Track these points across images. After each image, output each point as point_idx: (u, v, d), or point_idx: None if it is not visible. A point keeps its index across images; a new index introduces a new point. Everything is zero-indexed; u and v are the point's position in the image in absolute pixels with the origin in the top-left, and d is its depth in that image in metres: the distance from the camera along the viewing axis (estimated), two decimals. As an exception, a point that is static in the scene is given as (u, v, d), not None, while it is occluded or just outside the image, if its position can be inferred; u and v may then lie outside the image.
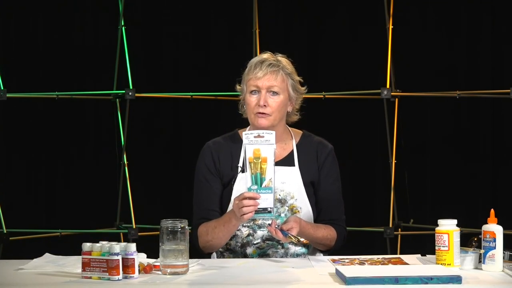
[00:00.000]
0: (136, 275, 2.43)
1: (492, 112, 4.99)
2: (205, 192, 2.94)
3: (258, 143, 2.58)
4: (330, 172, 2.98)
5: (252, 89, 2.89)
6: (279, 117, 2.91)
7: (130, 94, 4.85)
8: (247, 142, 2.57)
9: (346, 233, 2.99)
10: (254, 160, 2.56)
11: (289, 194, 2.90)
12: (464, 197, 4.97)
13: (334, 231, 2.93)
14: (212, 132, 3.13)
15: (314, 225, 2.89)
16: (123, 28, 4.91)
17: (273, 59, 2.91)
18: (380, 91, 4.81)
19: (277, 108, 2.88)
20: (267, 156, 2.57)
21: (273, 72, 2.87)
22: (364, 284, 2.30)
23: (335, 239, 2.93)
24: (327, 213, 2.96)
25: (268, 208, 2.58)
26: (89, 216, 5.05)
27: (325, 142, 3.03)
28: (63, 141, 5.07)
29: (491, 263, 2.50)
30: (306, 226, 2.82)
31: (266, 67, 2.87)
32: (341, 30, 5.08)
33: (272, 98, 2.88)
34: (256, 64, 2.90)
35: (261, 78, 2.87)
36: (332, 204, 2.97)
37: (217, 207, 2.91)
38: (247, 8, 4.94)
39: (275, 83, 2.87)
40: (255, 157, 2.57)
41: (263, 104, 2.86)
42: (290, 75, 2.91)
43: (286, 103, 2.92)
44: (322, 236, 2.88)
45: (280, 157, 2.96)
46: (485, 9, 4.97)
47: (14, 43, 5.02)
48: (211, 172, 2.94)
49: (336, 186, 3.00)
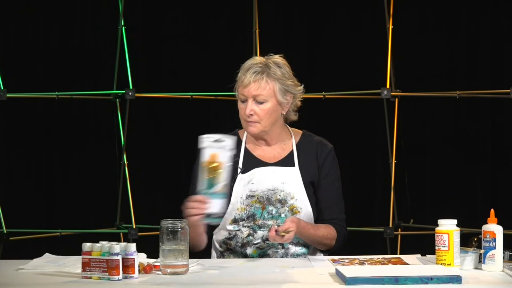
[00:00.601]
0: (136, 275, 2.43)
1: (492, 112, 4.99)
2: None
3: (215, 147, 2.59)
4: (330, 172, 2.98)
5: (240, 97, 2.89)
6: (270, 123, 2.89)
7: (130, 94, 4.85)
8: (205, 146, 2.58)
9: (347, 233, 2.99)
10: (209, 165, 2.57)
11: (289, 194, 2.90)
12: (464, 197, 4.97)
13: (334, 230, 2.92)
14: (212, 132, 3.12)
15: (314, 225, 2.89)
16: (123, 28, 4.91)
17: (260, 65, 2.85)
18: (380, 91, 4.81)
19: (265, 116, 2.86)
20: (223, 161, 2.59)
21: (256, 80, 2.83)
22: (364, 284, 2.30)
23: (335, 238, 2.92)
24: (327, 212, 2.96)
25: (216, 214, 2.61)
26: (89, 216, 5.06)
27: (325, 141, 3.03)
28: (63, 141, 5.08)
29: (491, 263, 2.50)
30: (306, 226, 2.82)
31: (251, 75, 2.83)
32: (341, 30, 5.08)
33: (258, 107, 2.86)
34: (243, 71, 2.87)
35: (246, 87, 2.85)
36: (332, 203, 2.97)
37: None
38: (247, 8, 4.94)
39: (260, 92, 2.84)
40: (211, 162, 2.58)
41: (249, 114, 2.85)
42: (280, 80, 2.86)
43: (275, 109, 2.88)
44: (323, 235, 2.88)
45: (280, 157, 2.96)
46: (485, 9, 4.96)
47: (14, 43, 5.02)
48: None
49: (336, 186, 3.00)
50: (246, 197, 2.89)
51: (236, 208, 2.90)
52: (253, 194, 2.89)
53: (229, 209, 2.89)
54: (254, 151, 2.97)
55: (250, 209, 2.89)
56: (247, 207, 2.89)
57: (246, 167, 2.93)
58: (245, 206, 2.89)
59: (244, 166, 2.93)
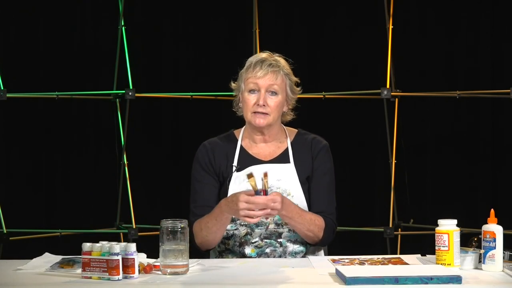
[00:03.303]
0: (136, 275, 2.43)
1: (492, 112, 4.99)
2: (199, 190, 2.95)
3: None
4: (322, 165, 2.97)
5: (251, 87, 2.89)
6: (277, 116, 2.93)
7: (130, 94, 4.85)
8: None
9: (336, 228, 2.95)
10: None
11: (285, 191, 2.90)
12: (464, 197, 4.97)
13: (322, 220, 2.88)
14: (212, 132, 3.13)
15: (301, 208, 2.86)
16: (123, 28, 4.91)
17: (272, 59, 2.92)
18: (380, 91, 4.81)
19: (276, 108, 2.90)
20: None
21: (273, 72, 2.88)
22: (364, 284, 2.30)
23: (323, 228, 2.88)
24: (316, 204, 2.93)
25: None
26: (89, 216, 5.06)
27: (320, 138, 3.03)
28: (63, 141, 5.08)
29: (491, 263, 2.50)
30: (291, 204, 2.79)
31: (267, 67, 2.88)
32: (341, 30, 5.09)
33: (271, 98, 2.89)
34: (257, 63, 2.90)
35: (261, 78, 2.88)
36: (321, 196, 2.94)
37: (213, 204, 2.90)
38: (247, 8, 4.95)
39: (275, 83, 2.89)
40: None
41: (262, 104, 2.87)
42: (288, 76, 2.93)
43: (283, 103, 2.94)
44: (310, 219, 2.84)
45: (275, 154, 2.97)
46: (485, 9, 4.97)
47: (14, 43, 5.02)
48: (206, 170, 2.95)
49: (327, 180, 2.98)
50: (242, 195, 2.88)
51: (233, 207, 2.89)
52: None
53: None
54: (250, 149, 2.98)
55: (247, 208, 2.88)
56: (244, 206, 2.88)
57: (241, 165, 2.94)
58: None
59: (240, 164, 2.94)
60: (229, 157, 2.97)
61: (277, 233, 2.90)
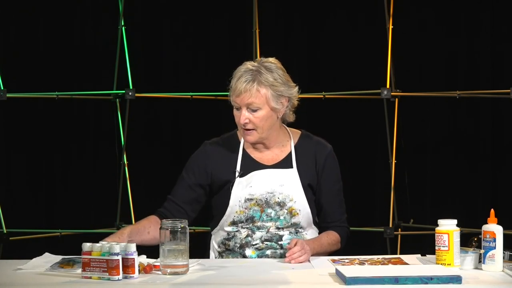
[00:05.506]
0: (136, 275, 2.43)
1: (492, 112, 4.98)
2: (178, 185, 2.99)
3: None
4: (331, 174, 2.98)
5: (234, 105, 2.88)
6: (266, 128, 2.87)
7: (130, 94, 4.85)
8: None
9: (349, 230, 3.03)
10: None
11: (287, 196, 2.90)
12: (464, 197, 4.97)
13: (337, 235, 2.96)
14: (212, 132, 3.13)
15: (316, 239, 2.89)
16: (123, 28, 4.91)
17: (250, 73, 2.81)
18: (380, 91, 4.81)
19: (260, 123, 2.85)
20: None
21: (248, 89, 2.80)
22: (364, 284, 2.30)
23: (339, 241, 2.97)
24: (330, 215, 2.97)
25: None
26: (89, 216, 5.06)
27: (324, 142, 3.02)
28: (63, 141, 5.07)
29: (491, 263, 2.50)
30: (311, 245, 2.80)
31: (242, 84, 2.80)
32: (341, 30, 5.08)
33: (252, 114, 2.84)
34: (235, 79, 2.84)
35: (239, 96, 2.82)
36: (334, 207, 2.99)
37: (181, 202, 2.95)
38: (247, 8, 4.94)
39: (252, 100, 2.81)
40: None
41: (244, 122, 2.84)
42: (272, 86, 2.82)
43: (269, 115, 2.86)
44: (328, 244, 2.91)
45: (278, 159, 2.95)
46: (485, 8, 4.96)
47: (14, 43, 5.02)
48: (195, 171, 2.97)
49: (337, 188, 3.01)
50: (244, 200, 2.89)
51: (235, 211, 2.90)
52: (252, 197, 2.89)
53: (228, 212, 2.90)
54: (253, 154, 2.96)
55: (249, 212, 2.89)
56: (246, 210, 2.89)
57: (244, 170, 2.92)
58: (244, 209, 2.89)
59: (243, 169, 2.92)
60: (232, 161, 2.95)
61: (278, 236, 2.90)
